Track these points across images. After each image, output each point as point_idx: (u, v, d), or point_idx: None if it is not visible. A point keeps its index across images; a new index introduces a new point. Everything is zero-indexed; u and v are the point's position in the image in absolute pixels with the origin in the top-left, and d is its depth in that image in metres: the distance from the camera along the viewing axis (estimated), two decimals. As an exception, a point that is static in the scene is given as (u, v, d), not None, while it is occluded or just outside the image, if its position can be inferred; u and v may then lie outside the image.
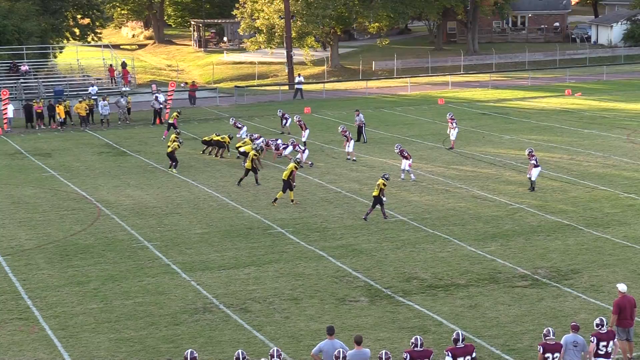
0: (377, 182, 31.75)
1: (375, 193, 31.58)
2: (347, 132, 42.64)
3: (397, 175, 37.34)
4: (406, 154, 37.34)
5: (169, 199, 35.50)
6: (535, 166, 35.15)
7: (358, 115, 47.55)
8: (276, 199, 33.98)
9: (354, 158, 41.80)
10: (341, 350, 16.85)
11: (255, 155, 37.58)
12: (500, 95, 64.41)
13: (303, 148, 40.96)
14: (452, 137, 44.08)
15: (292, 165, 34.35)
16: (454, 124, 44.06)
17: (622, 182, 36.49)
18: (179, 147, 40.85)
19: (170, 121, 49.82)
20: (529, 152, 35.69)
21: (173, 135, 42.11)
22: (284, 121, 49.64)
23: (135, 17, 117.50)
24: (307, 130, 45.12)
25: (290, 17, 74.05)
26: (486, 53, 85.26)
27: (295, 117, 47.07)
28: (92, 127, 54.10)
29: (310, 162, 40.69)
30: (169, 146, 40.68)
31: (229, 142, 43.29)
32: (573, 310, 22.80)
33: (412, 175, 37.41)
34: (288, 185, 33.95)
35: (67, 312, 23.49)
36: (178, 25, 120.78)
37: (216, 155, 43.39)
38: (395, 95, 66.53)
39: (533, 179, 35.21)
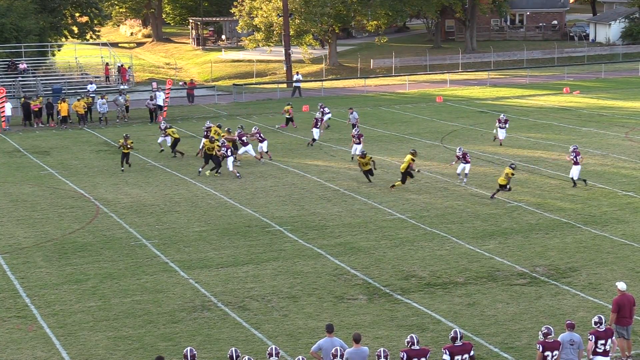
0: (505, 171, 33.23)
1: (503, 181, 33.11)
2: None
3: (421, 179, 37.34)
4: (469, 159, 36.36)
5: (167, 197, 35.49)
6: (575, 163, 34.98)
7: (352, 113, 47.31)
8: (393, 185, 35.78)
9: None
10: (339, 348, 16.85)
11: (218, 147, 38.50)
12: (499, 93, 64.42)
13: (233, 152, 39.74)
14: (501, 137, 44.10)
15: (409, 157, 35.52)
16: (506, 124, 44.10)
17: (620, 179, 36.50)
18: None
19: (288, 116, 49.70)
20: (573, 149, 35.35)
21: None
22: (322, 116, 47.88)
23: (133, 15, 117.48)
24: (266, 142, 41.91)
25: (289, 15, 74.04)
26: (484, 51, 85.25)
27: (254, 129, 43.04)
28: (90, 125, 54.09)
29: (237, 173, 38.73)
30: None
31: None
32: (571, 308, 22.81)
33: (464, 180, 36.52)
34: (408, 174, 35.34)
35: (65, 310, 23.49)
36: (176, 24, 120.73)
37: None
38: (393, 93, 66.53)
39: (575, 177, 35.18)
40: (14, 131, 52.44)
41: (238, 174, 38.31)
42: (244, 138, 40.98)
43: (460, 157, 36.25)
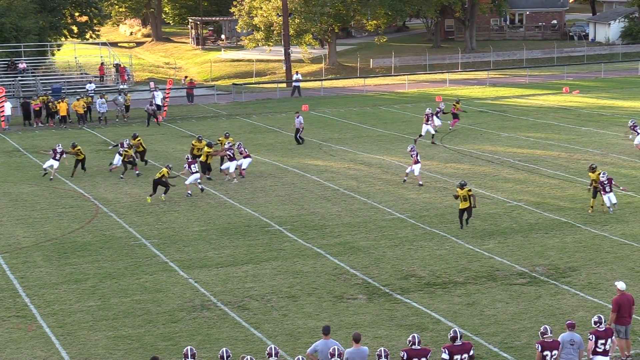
0: None
1: None
2: (415, 154, 36.43)
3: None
4: (609, 188, 31.26)
5: (167, 196, 35.43)
6: None
7: (298, 117, 45.98)
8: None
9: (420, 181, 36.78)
10: (336, 347, 16.89)
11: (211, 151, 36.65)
12: (498, 93, 64.41)
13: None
14: (637, 142, 41.41)
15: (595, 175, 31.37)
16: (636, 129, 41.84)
17: (620, 179, 36.43)
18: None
19: (455, 111, 48.39)
20: None
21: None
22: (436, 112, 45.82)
23: (133, 15, 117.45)
24: (250, 159, 38.93)
25: (288, 15, 74.04)
26: (484, 51, 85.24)
27: (236, 145, 39.38)
28: (90, 125, 54.10)
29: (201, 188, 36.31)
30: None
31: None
32: (571, 307, 22.81)
33: (611, 208, 31.48)
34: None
35: (65, 310, 23.49)
36: (176, 23, 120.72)
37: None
38: (393, 93, 66.53)
39: None
40: (14, 131, 52.44)
41: (189, 193, 35.39)
42: (229, 152, 38.15)
43: (606, 183, 31.36)
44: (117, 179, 38.68)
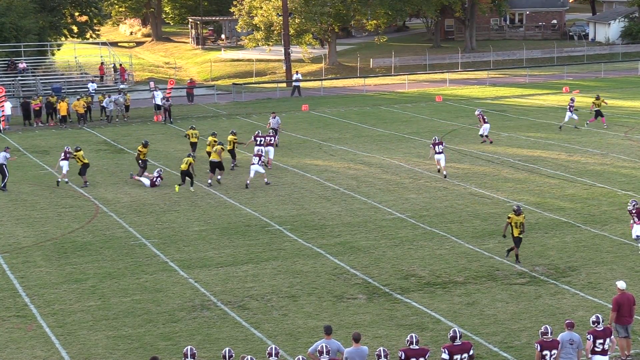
0: None
1: None
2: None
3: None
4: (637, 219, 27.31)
5: (167, 196, 35.48)
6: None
7: (274, 118, 45.62)
8: None
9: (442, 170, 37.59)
10: (324, 345, 16.97)
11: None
12: (498, 93, 64.40)
13: None
14: None
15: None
16: None
17: (620, 179, 36.50)
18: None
19: (597, 109, 47.98)
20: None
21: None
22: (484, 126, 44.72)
23: (133, 15, 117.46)
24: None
25: (288, 15, 74.04)
26: (484, 50, 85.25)
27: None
28: (90, 125, 54.10)
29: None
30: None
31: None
32: (571, 307, 22.82)
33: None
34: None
35: (65, 310, 23.50)
36: (176, 23, 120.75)
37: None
38: (393, 93, 66.53)
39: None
40: (14, 130, 52.45)
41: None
42: (258, 139, 39.20)
43: (634, 213, 27.59)
44: (117, 179, 38.68)
